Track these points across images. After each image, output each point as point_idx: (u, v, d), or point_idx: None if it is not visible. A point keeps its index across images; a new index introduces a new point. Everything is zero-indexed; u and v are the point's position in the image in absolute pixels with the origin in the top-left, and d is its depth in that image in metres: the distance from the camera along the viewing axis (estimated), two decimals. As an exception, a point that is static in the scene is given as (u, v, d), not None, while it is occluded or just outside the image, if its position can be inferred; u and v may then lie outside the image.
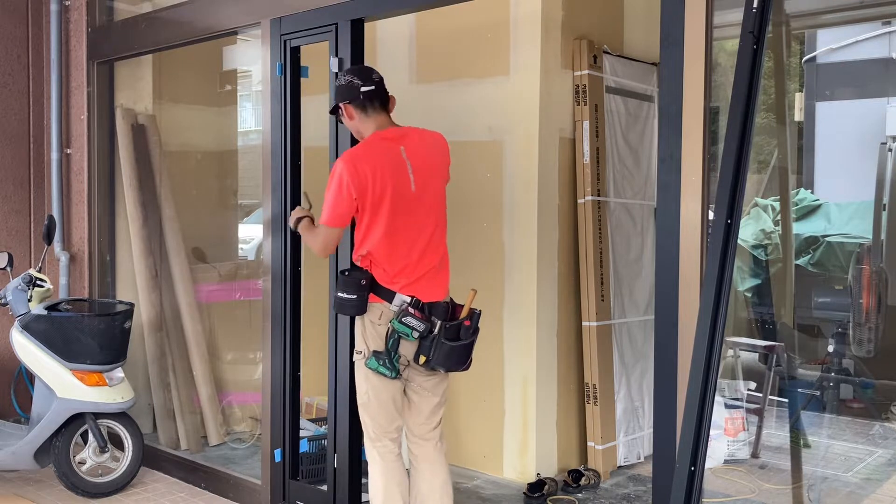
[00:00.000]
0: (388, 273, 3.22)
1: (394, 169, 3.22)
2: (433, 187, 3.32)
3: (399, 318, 3.15)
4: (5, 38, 5.40)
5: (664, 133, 2.80)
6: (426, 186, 3.29)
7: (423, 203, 3.28)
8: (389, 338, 3.18)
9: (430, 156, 3.35)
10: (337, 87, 3.38)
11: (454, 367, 3.24)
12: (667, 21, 2.79)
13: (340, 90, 3.33)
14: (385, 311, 3.21)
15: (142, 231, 5.20)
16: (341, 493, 3.87)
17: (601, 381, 4.73)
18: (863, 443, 5.37)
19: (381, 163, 3.20)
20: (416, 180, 3.26)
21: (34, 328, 4.42)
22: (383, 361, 3.18)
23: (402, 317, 3.15)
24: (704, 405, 2.54)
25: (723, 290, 2.56)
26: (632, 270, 5.06)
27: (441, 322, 3.19)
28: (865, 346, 5.41)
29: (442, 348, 3.16)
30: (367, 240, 3.24)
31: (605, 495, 4.51)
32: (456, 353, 3.19)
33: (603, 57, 4.81)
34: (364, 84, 3.29)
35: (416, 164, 3.27)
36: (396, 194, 3.21)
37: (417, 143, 3.33)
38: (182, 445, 5.12)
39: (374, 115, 3.32)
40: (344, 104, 3.32)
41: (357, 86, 3.29)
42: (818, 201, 7.74)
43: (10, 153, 5.43)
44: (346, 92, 3.31)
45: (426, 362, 3.18)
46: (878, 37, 9.22)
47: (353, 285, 3.19)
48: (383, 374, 3.19)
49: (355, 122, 3.34)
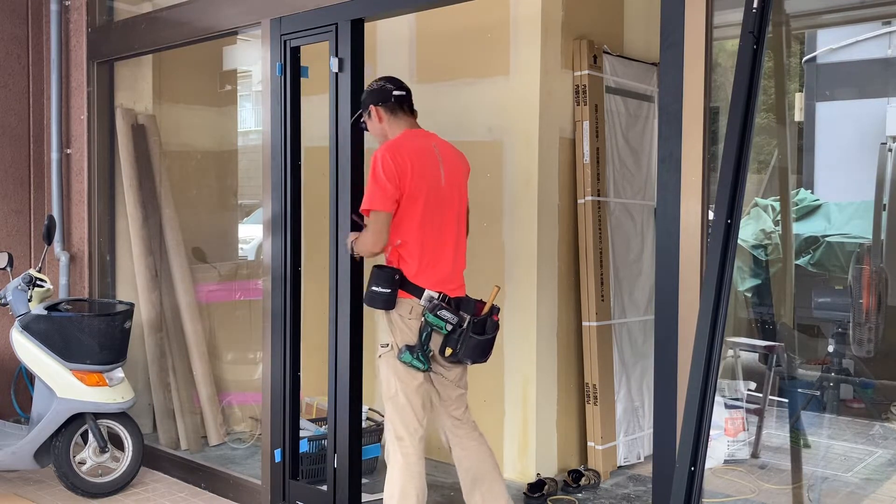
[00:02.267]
0: (418, 266, 3.36)
1: (428, 162, 3.40)
2: (459, 187, 3.52)
3: (434, 311, 3.31)
4: (5, 38, 5.40)
5: (664, 133, 2.80)
6: (453, 185, 3.48)
7: (451, 200, 3.47)
8: (423, 331, 3.32)
9: (456, 157, 3.56)
10: (368, 91, 3.53)
11: (479, 360, 3.40)
12: (667, 21, 2.79)
13: (372, 94, 3.50)
14: (415, 307, 3.35)
15: (142, 231, 5.20)
16: (341, 493, 3.87)
17: (601, 381, 4.74)
18: (863, 443, 5.37)
19: (417, 154, 3.37)
20: (445, 177, 3.44)
21: (34, 328, 4.42)
22: (416, 355, 3.31)
23: (437, 310, 3.31)
24: (704, 405, 2.54)
25: (723, 290, 2.56)
26: (632, 270, 5.06)
27: (470, 317, 3.35)
28: (865, 347, 5.40)
29: (469, 342, 3.32)
30: (401, 228, 3.37)
31: (605, 495, 4.51)
32: (481, 346, 3.37)
33: (603, 57, 4.81)
34: (396, 89, 3.49)
35: (446, 161, 3.47)
36: (429, 187, 3.38)
37: (445, 144, 3.54)
38: (182, 445, 5.12)
39: (403, 117, 3.50)
40: (374, 107, 3.48)
41: (389, 89, 3.48)
42: (818, 201, 7.75)
43: (10, 153, 5.43)
44: (377, 94, 3.49)
45: (452, 354, 3.33)
46: (878, 37, 9.22)
47: (387, 280, 3.33)
48: (416, 367, 3.31)
49: (383, 124, 3.49)
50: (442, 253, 3.42)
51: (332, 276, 3.87)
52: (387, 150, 3.32)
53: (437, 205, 3.40)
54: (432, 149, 3.44)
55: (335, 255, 3.84)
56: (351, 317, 3.81)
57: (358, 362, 3.86)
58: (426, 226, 3.37)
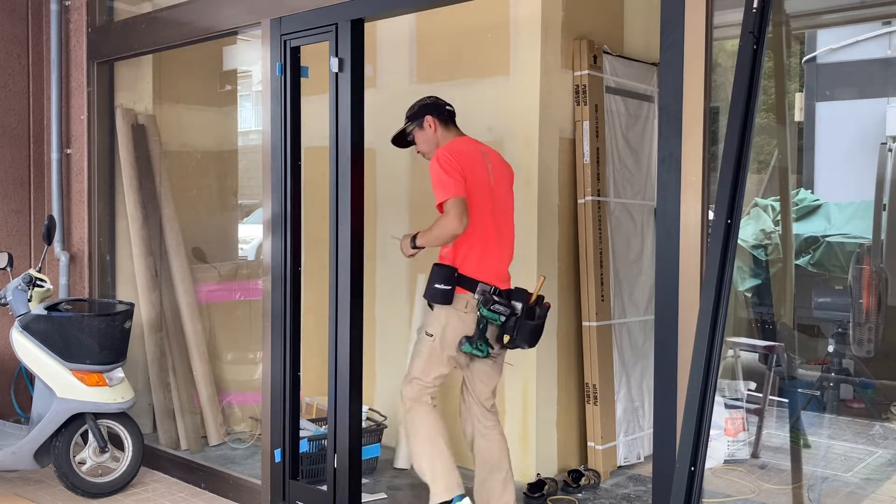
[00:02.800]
0: (471, 262, 3.64)
1: (479, 165, 3.71)
2: (505, 189, 3.83)
3: (488, 306, 3.59)
4: (5, 38, 5.40)
5: (664, 133, 2.80)
6: (500, 185, 3.79)
7: (499, 200, 3.76)
8: (479, 323, 3.61)
9: (502, 162, 3.89)
10: (421, 105, 3.85)
11: (533, 343, 3.71)
12: (667, 21, 2.79)
13: (426, 106, 3.83)
14: (470, 301, 3.63)
15: (142, 231, 5.21)
16: (341, 493, 3.87)
17: (601, 381, 4.74)
18: (863, 443, 5.37)
19: (470, 156, 3.70)
20: (494, 178, 3.76)
21: (34, 328, 4.42)
22: (476, 344, 3.61)
23: (490, 305, 3.59)
24: (704, 405, 2.54)
25: (723, 290, 2.56)
26: (632, 270, 5.06)
27: (522, 305, 3.63)
28: (865, 346, 5.40)
29: (524, 327, 3.62)
30: None
31: (605, 495, 4.51)
32: (535, 330, 3.67)
33: (603, 57, 4.81)
34: (446, 104, 3.86)
35: (494, 165, 3.79)
36: (480, 188, 3.68)
37: (492, 150, 3.87)
38: (182, 445, 5.12)
39: (453, 129, 3.84)
40: (431, 116, 3.80)
41: (442, 104, 3.85)
42: (818, 201, 7.75)
43: (10, 153, 5.43)
44: (432, 107, 3.84)
45: (510, 341, 3.63)
46: (878, 37, 9.22)
47: (448, 277, 3.61)
48: (477, 355, 3.63)
49: (437, 134, 3.80)
50: (492, 249, 3.70)
51: (332, 276, 3.87)
52: (446, 151, 3.65)
53: (487, 205, 3.69)
54: (481, 154, 3.76)
55: (335, 255, 3.85)
56: (351, 317, 3.81)
57: (358, 362, 3.87)
58: (478, 224, 3.64)
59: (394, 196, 5.14)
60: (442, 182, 3.57)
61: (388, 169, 5.13)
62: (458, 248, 3.64)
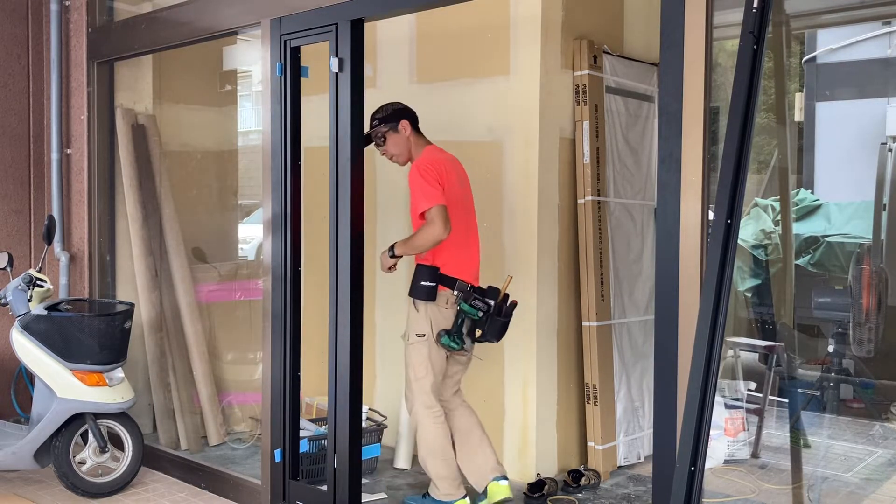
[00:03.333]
0: (451, 262, 3.95)
1: (452, 172, 4.01)
2: (468, 192, 4.15)
3: (468, 301, 3.90)
4: (5, 38, 5.40)
5: (664, 133, 2.80)
6: (465, 190, 4.11)
7: (468, 204, 4.11)
8: (458, 318, 3.93)
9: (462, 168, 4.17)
10: (395, 109, 4.07)
11: (500, 338, 4.03)
12: (667, 21, 2.79)
13: (400, 111, 4.07)
14: (449, 297, 3.96)
15: (142, 231, 5.21)
16: (341, 493, 3.87)
17: (601, 381, 4.74)
18: (863, 443, 5.37)
19: (445, 165, 3.99)
20: (462, 184, 4.08)
21: (34, 328, 4.42)
22: (454, 338, 3.93)
23: (470, 301, 3.91)
24: (704, 405, 2.54)
25: (723, 290, 2.56)
26: (632, 270, 5.06)
27: (494, 302, 3.94)
28: (865, 346, 5.40)
29: (495, 323, 3.95)
30: None
31: (605, 495, 4.51)
32: (503, 326, 3.99)
33: (603, 57, 4.82)
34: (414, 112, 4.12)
35: (459, 172, 4.10)
36: (454, 194, 3.96)
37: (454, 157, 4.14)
38: (182, 445, 5.12)
39: (421, 136, 4.12)
40: (406, 122, 4.04)
41: (412, 111, 4.11)
42: (818, 201, 7.75)
43: (10, 153, 5.43)
44: (406, 112, 4.08)
45: (482, 335, 3.97)
46: (878, 37, 9.22)
47: (432, 275, 3.93)
48: (453, 348, 3.93)
49: (410, 136, 4.05)
50: (464, 250, 4.03)
51: (332, 276, 3.87)
52: (425, 161, 3.94)
53: (459, 209, 3.99)
54: (453, 162, 4.06)
55: (335, 255, 3.85)
56: (351, 317, 3.81)
57: (358, 362, 3.87)
58: (456, 224, 3.91)
59: (394, 196, 5.14)
60: (424, 191, 3.84)
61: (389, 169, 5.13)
62: (437, 250, 3.93)
